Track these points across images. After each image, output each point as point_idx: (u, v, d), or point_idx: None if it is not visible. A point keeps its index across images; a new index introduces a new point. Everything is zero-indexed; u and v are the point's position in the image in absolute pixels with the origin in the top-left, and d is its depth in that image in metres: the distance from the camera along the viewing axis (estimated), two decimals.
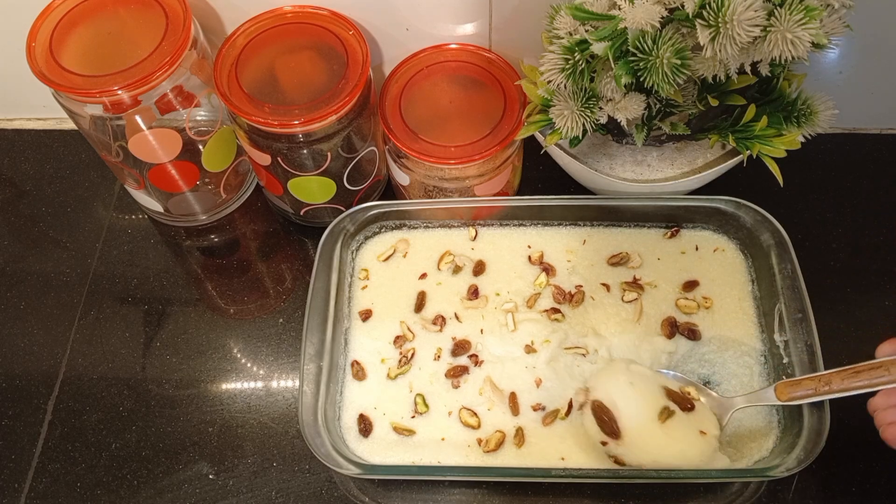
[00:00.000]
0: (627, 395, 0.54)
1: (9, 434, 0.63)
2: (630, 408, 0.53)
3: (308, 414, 0.55)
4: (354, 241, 0.66)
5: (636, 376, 0.55)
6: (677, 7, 0.48)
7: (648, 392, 0.54)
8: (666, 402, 0.54)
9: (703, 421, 0.54)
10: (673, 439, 0.52)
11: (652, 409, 0.53)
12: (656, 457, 0.52)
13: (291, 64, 0.62)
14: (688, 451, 0.52)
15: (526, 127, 0.60)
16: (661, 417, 0.53)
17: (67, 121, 0.78)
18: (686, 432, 0.53)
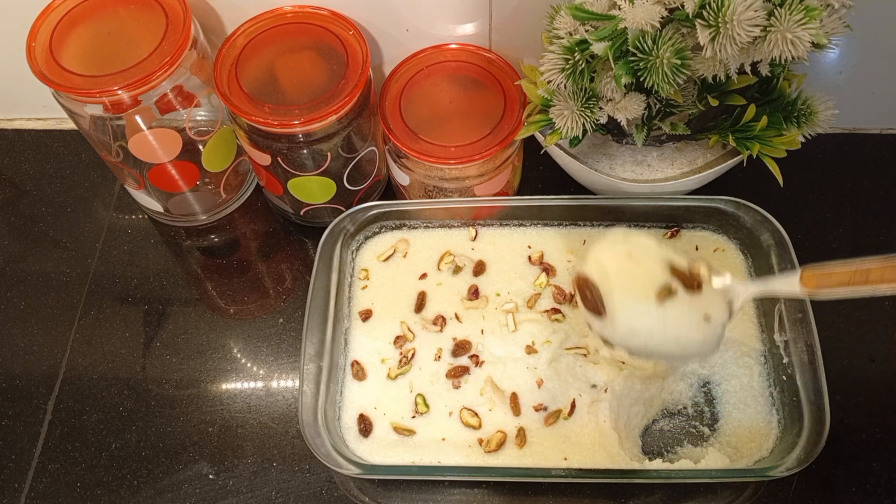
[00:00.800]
0: (622, 268, 0.47)
1: (9, 434, 0.63)
2: (623, 282, 0.46)
3: (308, 414, 0.55)
4: (354, 241, 0.66)
5: (636, 248, 0.48)
6: (677, 7, 0.48)
7: (648, 266, 0.47)
8: (668, 279, 0.47)
9: (709, 305, 0.47)
10: (670, 322, 0.46)
11: (649, 286, 0.47)
12: (647, 340, 0.47)
13: (291, 64, 0.62)
14: (685, 337, 0.47)
15: (526, 127, 0.60)
16: (660, 296, 0.46)
17: (67, 121, 0.78)
18: (687, 316, 0.47)
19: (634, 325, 0.46)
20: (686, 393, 0.59)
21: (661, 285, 0.46)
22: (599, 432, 0.56)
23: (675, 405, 0.59)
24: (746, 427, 0.57)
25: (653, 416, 0.59)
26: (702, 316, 0.46)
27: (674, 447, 0.58)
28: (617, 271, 0.47)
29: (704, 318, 0.46)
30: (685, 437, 0.58)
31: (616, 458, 0.55)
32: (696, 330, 0.46)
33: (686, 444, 0.58)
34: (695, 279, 0.47)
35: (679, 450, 0.58)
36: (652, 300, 0.46)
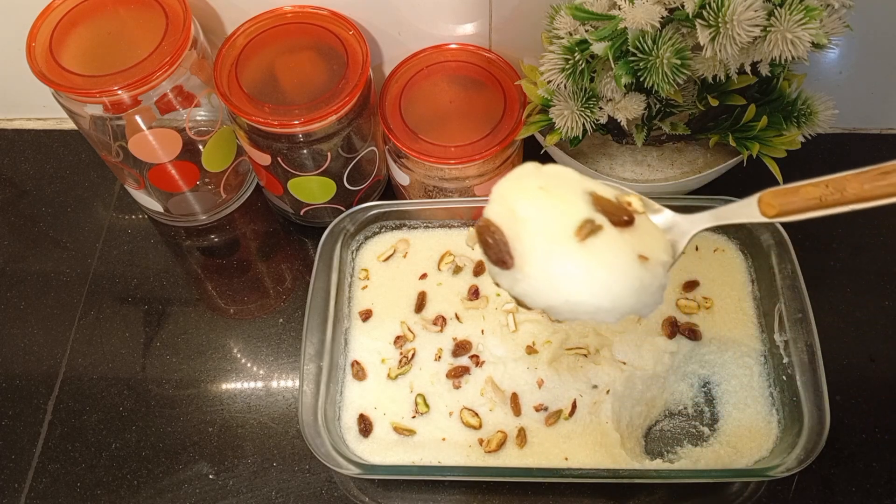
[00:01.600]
0: (532, 204, 0.38)
1: (9, 434, 0.63)
2: (534, 221, 0.38)
3: (308, 414, 0.55)
4: (354, 241, 0.66)
5: (550, 178, 0.40)
6: (677, 7, 0.48)
7: (565, 199, 0.39)
8: (590, 212, 0.38)
9: (645, 242, 0.39)
10: (596, 267, 0.37)
11: (567, 223, 0.38)
12: (568, 293, 0.37)
13: (291, 64, 0.62)
14: (614, 282, 0.37)
15: (526, 127, 0.60)
16: (580, 233, 0.37)
17: (67, 121, 0.78)
18: (616, 256, 0.38)
19: (551, 273, 0.37)
20: (686, 393, 0.59)
21: (582, 220, 0.37)
22: (601, 432, 0.56)
23: (675, 405, 0.59)
24: (746, 427, 0.57)
25: (655, 417, 0.59)
26: (636, 256, 0.37)
27: (674, 447, 0.58)
28: (526, 208, 0.38)
29: (640, 259, 0.37)
30: (685, 437, 0.58)
31: (617, 458, 0.55)
32: (631, 274, 0.37)
33: (686, 444, 0.58)
34: (625, 213, 0.38)
35: (679, 450, 0.58)
36: (571, 240, 0.37)
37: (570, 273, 0.37)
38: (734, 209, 0.41)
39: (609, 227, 0.38)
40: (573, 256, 0.37)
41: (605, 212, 0.38)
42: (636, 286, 0.37)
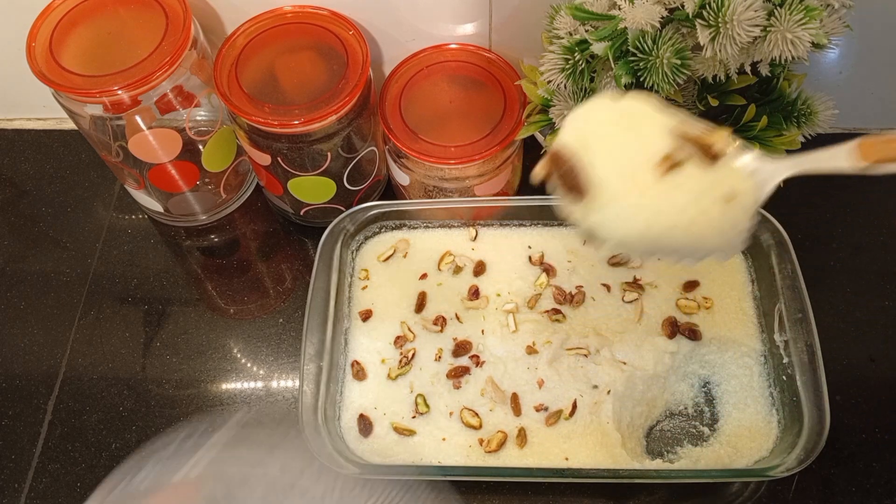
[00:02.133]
0: (610, 133, 0.36)
1: (9, 434, 0.63)
2: (610, 151, 0.35)
3: (308, 414, 0.55)
4: (354, 241, 0.66)
5: (629, 111, 0.37)
6: (677, 7, 0.48)
7: (645, 132, 0.36)
8: (672, 146, 0.36)
9: (730, 182, 0.36)
10: (676, 201, 0.35)
11: (646, 155, 0.36)
12: (647, 227, 0.35)
13: (291, 64, 0.62)
14: (699, 221, 0.35)
15: (526, 127, 0.60)
16: (661, 167, 0.35)
17: (67, 121, 0.78)
18: (700, 194, 0.35)
19: (627, 205, 0.35)
20: (687, 393, 0.59)
21: (664, 154, 0.35)
22: (602, 433, 0.56)
23: (675, 405, 0.59)
24: (746, 427, 0.57)
25: (656, 417, 0.59)
26: (720, 194, 0.35)
27: (674, 447, 0.58)
28: (602, 138, 0.36)
29: (724, 198, 0.35)
30: (685, 437, 0.58)
31: (617, 458, 0.55)
32: (714, 212, 0.35)
33: (686, 444, 0.58)
34: (709, 150, 0.36)
35: (679, 450, 0.58)
36: (651, 172, 0.35)
37: (651, 208, 0.34)
38: (826, 155, 0.37)
39: (691, 164, 0.35)
40: (653, 189, 0.34)
41: (687, 148, 0.35)
42: (719, 226, 0.35)
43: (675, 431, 0.58)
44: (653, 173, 0.35)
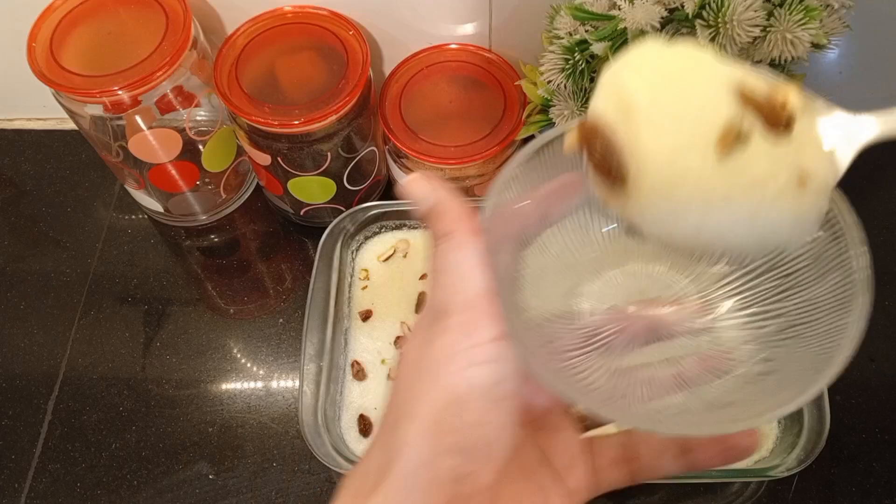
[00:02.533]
0: (658, 95, 0.27)
1: (9, 434, 0.63)
2: (659, 121, 0.27)
3: (308, 414, 0.55)
4: (354, 241, 0.66)
5: (681, 61, 0.28)
6: (677, 7, 0.48)
7: (701, 92, 0.27)
8: (736, 113, 0.27)
9: (805, 156, 0.28)
10: (739, 189, 0.27)
11: (705, 125, 0.27)
12: (700, 222, 0.28)
13: (291, 64, 0.62)
14: (768, 212, 0.27)
15: (526, 127, 0.60)
16: (723, 144, 0.27)
17: (67, 121, 0.78)
18: (768, 177, 0.27)
19: (679, 196, 0.27)
20: None
21: (725, 125, 0.27)
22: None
23: None
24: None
25: None
26: (793, 175, 0.27)
27: None
28: (649, 102, 0.27)
29: (798, 181, 0.27)
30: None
31: None
32: (785, 200, 0.27)
33: None
34: (781, 115, 0.27)
35: None
36: (708, 150, 0.26)
37: (706, 195, 0.27)
38: None
39: (759, 135, 0.27)
40: (711, 173, 0.26)
41: (755, 113, 0.27)
42: (791, 218, 0.28)
43: None
44: (711, 151, 0.26)
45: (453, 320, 0.30)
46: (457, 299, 0.30)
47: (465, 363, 0.29)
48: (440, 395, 0.29)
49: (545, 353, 0.33)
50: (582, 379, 0.33)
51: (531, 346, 0.31)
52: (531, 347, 0.31)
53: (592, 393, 0.32)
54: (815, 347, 0.30)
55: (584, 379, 0.33)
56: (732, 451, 0.33)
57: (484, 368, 0.29)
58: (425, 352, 0.30)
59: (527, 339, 0.31)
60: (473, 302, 0.30)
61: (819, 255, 0.32)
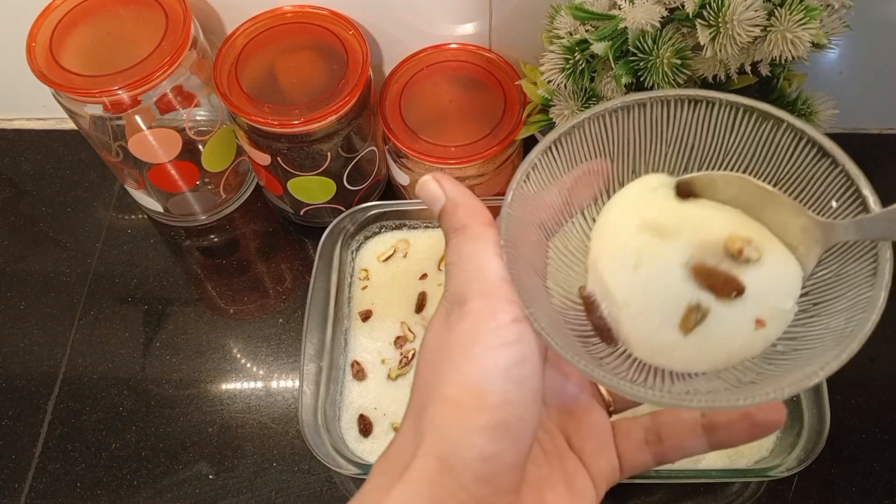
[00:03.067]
0: (630, 292, 0.33)
1: (9, 434, 0.63)
2: (632, 311, 0.33)
3: (308, 414, 0.55)
4: (354, 241, 0.66)
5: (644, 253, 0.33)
6: (677, 7, 0.48)
7: (664, 284, 0.33)
8: (694, 293, 0.32)
9: (762, 299, 0.32)
10: (709, 353, 0.33)
11: (669, 314, 0.32)
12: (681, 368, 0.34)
13: (291, 64, 0.62)
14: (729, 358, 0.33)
15: (526, 127, 0.60)
16: (685, 326, 0.32)
17: (67, 121, 0.78)
18: (728, 338, 0.33)
19: (660, 358, 0.34)
20: None
21: (685, 308, 0.32)
22: None
23: None
24: None
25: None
26: (751, 322, 0.32)
27: None
28: (625, 300, 0.33)
29: (756, 324, 0.32)
30: None
31: None
32: (746, 346, 0.33)
33: None
34: (734, 285, 0.32)
35: None
36: (675, 332, 0.32)
37: (680, 363, 0.33)
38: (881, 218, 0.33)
39: (718, 305, 0.32)
40: (680, 348, 0.32)
41: (711, 287, 0.32)
42: (753, 353, 0.33)
43: None
44: (675, 332, 0.32)
45: (473, 305, 0.31)
46: (474, 287, 0.31)
47: (487, 345, 0.30)
48: (464, 377, 0.30)
49: (571, 337, 0.34)
50: (606, 363, 0.34)
51: (557, 329, 0.32)
52: (557, 330, 0.32)
53: (617, 374, 0.33)
54: (840, 323, 0.31)
55: (607, 363, 0.34)
56: (760, 427, 0.33)
57: (506, 350, 0.30)
58: (447, 337, 0.31)
59: (552, 322, 0.33)
60: (491, 288, 0.31)
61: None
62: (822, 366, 0.29)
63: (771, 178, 0.35)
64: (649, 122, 0.35)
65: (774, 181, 0.35)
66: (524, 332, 0.31)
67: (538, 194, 0.35)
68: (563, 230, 0.36)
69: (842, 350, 0.29)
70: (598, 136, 0.35)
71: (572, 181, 0.35)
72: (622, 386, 0.30)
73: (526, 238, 0.34)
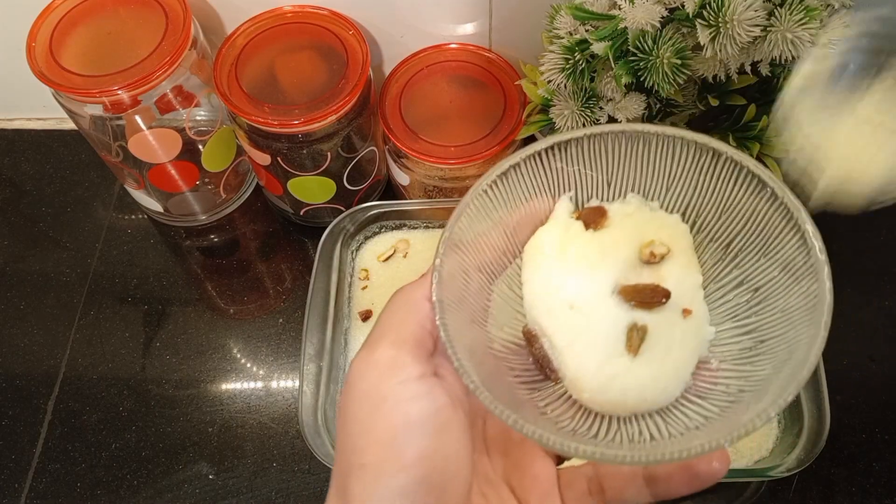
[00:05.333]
0: (565, 328, 0.34)
1: (9, 434, 0.63)
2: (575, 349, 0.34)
3: (308, 414, 0.55)
4: (354, 241, 0.66)
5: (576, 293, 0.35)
6: (677, 7, 0.48)
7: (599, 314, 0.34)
8: (629, 314, 0.34)
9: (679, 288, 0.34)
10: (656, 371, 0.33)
11: (611, 341, 0.34)
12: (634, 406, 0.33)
13: (291, 64, 0.62)
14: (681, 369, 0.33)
15: (526, 127, 0.60)
16: (631, 348, 0.33)
17: (67, 121, 0.78)
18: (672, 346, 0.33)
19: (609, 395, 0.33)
20: None
21: (627, 335, 0.33)
22: None
23: None
24: None
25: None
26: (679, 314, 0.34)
27: None
28: (559, 335, 0.34)
29: (684, 314, 0.34)
30: None
31: None
32: (690, 347, 0.34)
33: None
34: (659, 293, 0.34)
35: None
36: (624, 358, 0.33)
37: (634, 389, 0.33)
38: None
39: (652, 317, 0.33)
40: (631, 375, 0.32)
41: (641, 303, 0.34)
42: (696, 355, 0.33)
43: None
44: (623, 357, 0.33)
45: (382, 355, 0.31)
46: (389, 336, 0.31)
47: (397, 399, 0.30)
48: (378, 437, 0.29)
49: (512, 384, 0.34)
50: (544, 409, 0.33)
51: (493, 379, 0.32)
52: (493, 380, 0.32)
53: (548, 423, 0.32)
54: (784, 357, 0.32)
55: (547, 409, 0.33)
56: (699, 480, 0.32)
57: (416, 403, 0.30)
58: (362, 387, 0.31)
59: (489, 372, 0.32)
60: (404, 340, 0.31)
61: (788, 263, 0.34)
62: (759, 413, 0.29)
63: (717, 210, 0.35)
64: (587, 158, 0.36)
65: (720, 213, 0.35)
66: (435, 384, 0.30)
67: (479, 237, 0.35)
68: (507, 272, 0.36)
69: (779, 396, 0.29)
70: (537, 174, 0.35)
71: (515, 222, 0.35)
72: (549, 441, 0.29)
73: (464, 284, 0.34)
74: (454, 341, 0.31)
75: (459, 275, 0.34)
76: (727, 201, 0.35)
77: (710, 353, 0.34)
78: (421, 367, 0.31)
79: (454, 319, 0.32)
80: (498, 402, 0.30)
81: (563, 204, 0.37)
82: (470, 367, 0.30)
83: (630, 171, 0.36)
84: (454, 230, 0.33)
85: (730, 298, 0.35)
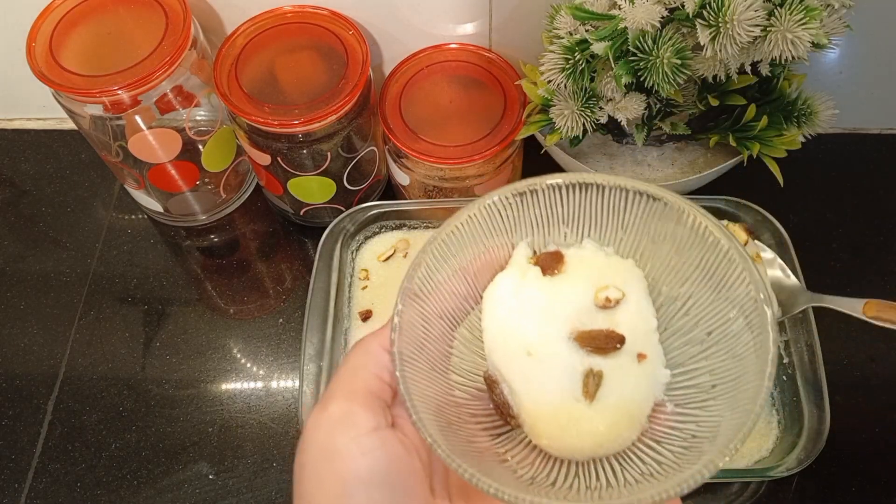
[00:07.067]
0: (522, 375, 0.35)
1: (9, 434, 0.63)
2: (532, 395, 0.34)
3: (308, 414, 0.55)
4: (354, 241, 0.65)
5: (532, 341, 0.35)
6: (677, 7, 0.48)
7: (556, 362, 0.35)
8: (584, 360, 0.35)
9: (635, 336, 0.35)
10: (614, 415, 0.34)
11: (568, 387, 0.34)
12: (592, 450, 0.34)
13: (291, 64, 0.62)
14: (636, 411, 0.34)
15: (526, 127, 0.60)
16: (588, 394, 0.34)
17: (67, 121, 0.78)
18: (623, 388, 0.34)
19: (568, 441, 0.34)
20: None
21: (583, 381, 0.34)
22: None
23: None
24: None
25: None
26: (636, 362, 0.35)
27: None
28: (518, 381, 0.34)
29: (639, 359, 0.35)
30: None
31: None
32: (644, 389, 0.34)
33: None
34: (613, 339, 0.35)
35: None
36: (581, 403, 0.34)
37: (590, 435, 0.33)
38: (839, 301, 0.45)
39: (607, 362, 0.34)
40: (587, 420, 0.33)
41: (596, 349, 0.34)
42: (651, 397, 0.34)
43: None
44: (580, 402, 0.33)
45: (334, 408, 0.31)
46: (343, 389, 0.32)
47: (346, 455, 0.30)
48: (331, 489, 0.30)
49: (473, 432, 0.34)
50: (504, 455, 0.34)
51: (452, 429, 0.33)
52: (452, 429, 0.32)
53: (507, 472, 0.33)
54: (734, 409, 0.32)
55: (507, 456, 0.34)
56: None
57: (366, 459, 0.30)
58: (317, 439, 0.31)
59: (448, 422, 0.33)
60: (356, 394, 0.31)
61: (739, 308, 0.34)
62: (705, 464, 0.30)
63: (669, 255, 0.36)
64: (544, 206, 0.37)
65: (672, 258, 0.36)
66: (388, 437, 0.31)
67: (440, 285, 0.35)
68: (469, 317, 0.37)
69: (725, 445, 0.30)
70: (495, 222, 0.37)
71: (476, 268, 0.36)
72: (506, 496, 0.29)
73: (425, 332, 0.35)
74: (413, 394, 0.31)
75: (420, 323, 0.34)
76: (678, 248, 0.35)
77: (665, 396, 0.35)
78: (375, 419, 0.31)
79: (414, 370, 0.33)
80: (455, 455, 0.30)
81: (521, 250, 0.38)
82: (428, 421, 0.31)
83: (585, 219, 0.37)
84: (413, 280, 0.34)
85: (684, 342, 0.35)
